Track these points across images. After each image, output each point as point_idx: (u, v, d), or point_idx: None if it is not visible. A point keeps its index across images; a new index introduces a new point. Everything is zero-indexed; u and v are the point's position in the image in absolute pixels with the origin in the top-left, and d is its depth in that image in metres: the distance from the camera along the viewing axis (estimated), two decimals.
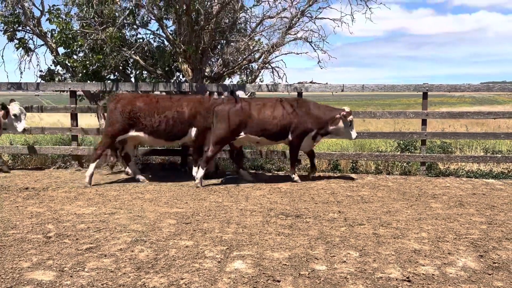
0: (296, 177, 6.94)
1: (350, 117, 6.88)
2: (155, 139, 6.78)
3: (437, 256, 3.75)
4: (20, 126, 7.32)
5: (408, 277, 3.30)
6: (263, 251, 3.80)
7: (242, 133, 6.67)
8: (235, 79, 10.12)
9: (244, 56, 8.35)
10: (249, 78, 9.53)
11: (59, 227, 4.47)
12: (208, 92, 7.71)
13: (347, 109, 6.95)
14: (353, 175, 7.60)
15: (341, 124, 6.87)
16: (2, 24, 8.18)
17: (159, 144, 7.29)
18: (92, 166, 6.56)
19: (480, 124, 17.35)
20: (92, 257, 3.65)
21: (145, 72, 9.52)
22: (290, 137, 6.78)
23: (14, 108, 7.34)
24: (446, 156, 7.79)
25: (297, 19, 8.56)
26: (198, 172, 6.62)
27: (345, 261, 3.60)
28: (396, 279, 3.27)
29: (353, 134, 6.98)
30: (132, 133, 6.67)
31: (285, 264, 3.52)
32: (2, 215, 4.89)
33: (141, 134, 6.69)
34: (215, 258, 3.65)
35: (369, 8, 7.51)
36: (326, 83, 8.24)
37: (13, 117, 7.32)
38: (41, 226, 4.51)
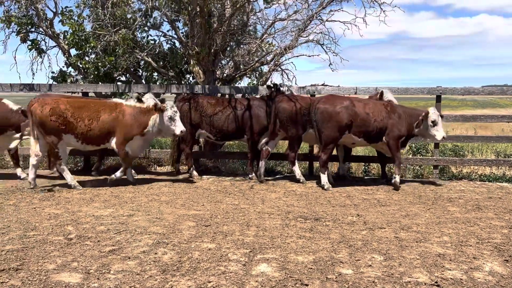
0: (397, 178, 6.64)
1: (434, 117, 6.57)
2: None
3: (462, 260, 3.72)
4: (177, 130, 6.49)
5: (436, 282, 3.27)
6: (286, 254, 3.78)
7: (347, 133, 6.62)
8: (244, 82, 10.13)
9: (257, 58, 8.35)
10: (260, 80, 9.54)
11: (78, 228, 4.46)
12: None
13: (431, 110, 6.69)
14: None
15: (424, 126, 6.63)
16: (16, 26, 8.21)
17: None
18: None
19: (483, 128, 17.29)
20: (116, 260, 3.64)
21: (155, 74, 9.54)
22: (385, 139, 6.66)
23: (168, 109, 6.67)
24: (460, 159, 7.76)
25: (309, 22, 8.56)
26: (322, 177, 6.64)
27: (370, 265, 3.57)
28: (425, 284, 3.24)
29: (439, 135, 6.58)
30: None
31: (311, 268, 3.50)
32: (20, 216, 4.89)
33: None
34: (240, 261, 3.63)
35: (383, 11, 7.49)
36: (338, 86, 8.24)
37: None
38: (60, 227, 4.50)
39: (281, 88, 7.33)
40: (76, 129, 6.26)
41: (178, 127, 6.46)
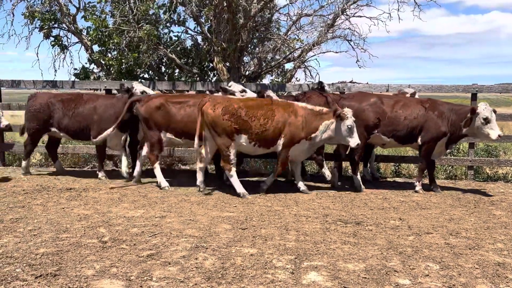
0: (418, 187, 6.26)
1: (486, 114, 5.78)
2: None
3: None
4: (353, 142, 5.84)
5: None
6: (335, 262, 3.56)
7: (376, 132, 6.24)
8: (266, 79, 9.89)
9: (284, 55, 8.12)
10: (285, 77, 9.30)
11: (111, 231, 4.29)
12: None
13: (482, 105, 5.89)
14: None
15: (475, 124, 5.88)
16: (39, 21, 8.09)
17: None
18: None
19: (500, 126, 16.93)
20: (156, 265, 3.45)
21: (177, 71, 9.36)
22: (420, 140, 6.18)
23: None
24: (496, 160, 7.45)
25: (337, 17, 8.31)
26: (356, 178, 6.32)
27: (428, 275, 3.34)
28: None
29: (493, 133, 5.80)
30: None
31: (365, 277, 3.27)
32: (50, 217, 4.74)
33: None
34: (286, 268, 3.42)
35: (418, 6, 7.20)
36: (367, 83, 8.00)
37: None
38: (93, 229, 4.33)
39: (326, 88, 7.03)
40: (251, 129, 5.71)
41: (355, 139, 5.73)
